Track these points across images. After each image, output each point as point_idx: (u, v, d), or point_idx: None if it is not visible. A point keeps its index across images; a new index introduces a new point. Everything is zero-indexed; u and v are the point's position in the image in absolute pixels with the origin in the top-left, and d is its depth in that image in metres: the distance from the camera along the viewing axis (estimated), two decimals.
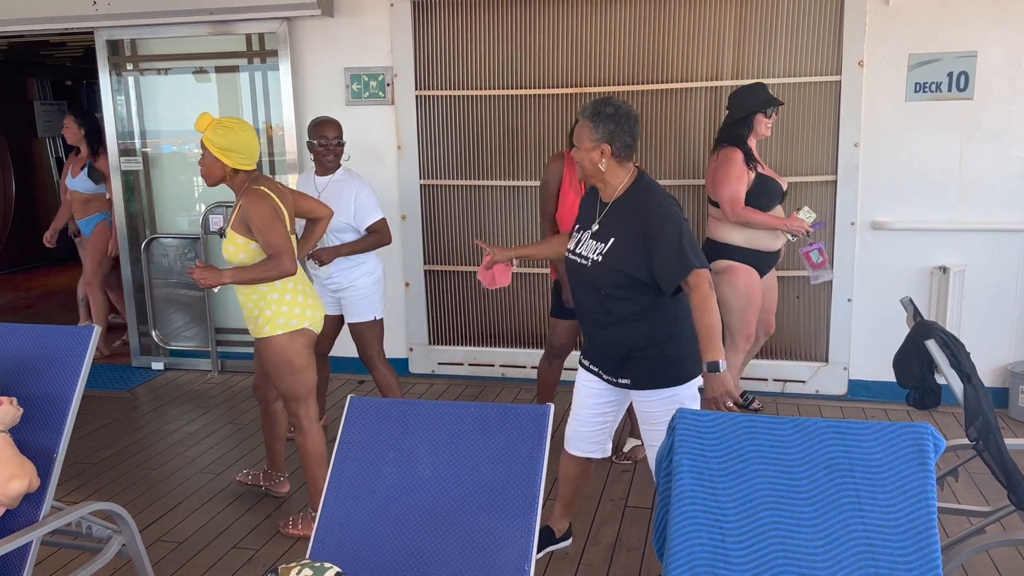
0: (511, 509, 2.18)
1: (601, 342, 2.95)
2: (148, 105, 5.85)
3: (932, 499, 1.99)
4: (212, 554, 3.50)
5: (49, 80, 10.69)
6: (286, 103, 5.49)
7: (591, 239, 2.88)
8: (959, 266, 4.75)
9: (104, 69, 5.75)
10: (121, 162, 5.86)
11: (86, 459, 4.47)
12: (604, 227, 2.86)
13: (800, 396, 5.10)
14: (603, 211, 2.89)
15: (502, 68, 5.23)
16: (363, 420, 2.39)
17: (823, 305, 5.03)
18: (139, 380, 5.78)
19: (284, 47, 5.40)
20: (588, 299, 2.92)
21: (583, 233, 2.94)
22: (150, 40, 5.71)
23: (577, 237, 2.97)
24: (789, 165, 4.95)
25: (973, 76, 4.61)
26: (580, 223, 2.99)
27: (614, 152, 2.80)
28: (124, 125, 5.86)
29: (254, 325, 3.43)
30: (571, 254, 2.96)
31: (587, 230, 2.92)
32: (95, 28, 5.62)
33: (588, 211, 2.98)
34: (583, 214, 3.01)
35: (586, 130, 2.79)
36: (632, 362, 2.88)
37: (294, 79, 5.44)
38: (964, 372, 2.53)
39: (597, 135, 2.78)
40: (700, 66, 4.97)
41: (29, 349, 2.84)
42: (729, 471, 2.11)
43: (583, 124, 2.81)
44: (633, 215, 2.79)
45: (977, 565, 3.24)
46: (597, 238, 2.86)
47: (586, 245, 2.89)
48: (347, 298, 4.29)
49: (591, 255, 2.85)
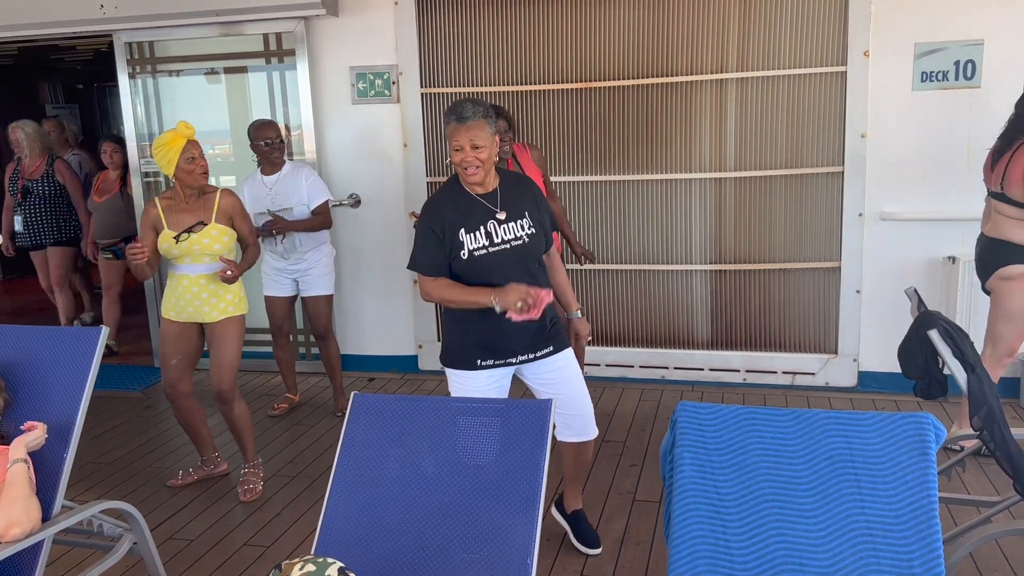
0: (514, 503, 2.19)
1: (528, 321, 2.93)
2: (166, 106, 5.87)
3: (933, 488, 1.99)
4: (222, 552, 3.53)
5: (60, 84, 10.78)
6: (304, 102, 5.50)
7: (504, 224, 3.00)
8: (968, 256, 4.71)
9: (123, 71, 5.79)
10: (141, 164, 5.91)
11: (99, 459, 4.51)
12: (511, 209, 3.03)
13: (810, 388, 5.09)
14: (496, 199, 3.02)
15: (507, 64, 5.23)
16: (366, 416, 2.41)
17: (832, 297, 5.02)
18: (152, 380, 5.83)
19: (301, 46, 5.42)
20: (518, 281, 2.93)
21: (484, 227, 2.98)
22: (167, 42, 5.73)
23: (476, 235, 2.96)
24: (796, 157, 4.93)
25: (980, 64, 4.57)
26: (465, 224, 2.96)
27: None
28: (143, 127, 5.89)
29: (213, 309, 3.85)
30: (488, 248, 2.96)
31: (488, 222, 2.98)
32: (113, 31, 5.66)
33: (467, 211, 2.98)
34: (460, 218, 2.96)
35: (487, 127, 2.91)
36: (551, 328, 3.13)
37: (303, 78, 5.45)
38: (967, 362, 2.52)
39: (492, 129, 2.95)
40: (704, 59, 4.96)
41: (38, 351, 2.87)
42: (730, 463, 2.11)
43: (481, 123, 2.88)
44: (522, 189, 3.11)
45: (986, 555, 3.23)
46: (511, 220, 3.02)
47: (502, 231, 3.00)
48: (309, 276, 4.79)
49: (521, 233, 3.02)
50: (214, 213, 3.83)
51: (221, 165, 5.96)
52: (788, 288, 5.09)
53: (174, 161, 3.71)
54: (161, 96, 5.86)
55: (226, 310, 3.89)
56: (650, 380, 5.35)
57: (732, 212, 5.09)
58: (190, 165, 3.74)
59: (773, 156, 4.97)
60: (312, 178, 4.70)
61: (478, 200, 3.01)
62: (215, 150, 5.93)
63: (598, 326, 5.37)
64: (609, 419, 4.77)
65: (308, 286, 4.81)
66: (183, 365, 3.98)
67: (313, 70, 5.46)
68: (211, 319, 3.88)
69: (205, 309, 3.87)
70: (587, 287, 5.40)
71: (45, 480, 2.61)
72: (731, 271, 5.16)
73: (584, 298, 5.40)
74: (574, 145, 5.24)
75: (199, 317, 3.89)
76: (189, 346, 3.96)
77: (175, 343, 3.94)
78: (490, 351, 3.06)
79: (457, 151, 2.91)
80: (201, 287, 3.85)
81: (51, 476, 2.63)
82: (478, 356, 3.06)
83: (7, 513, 2.40)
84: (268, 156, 4.62)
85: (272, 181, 4.67)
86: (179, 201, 3.84)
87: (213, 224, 3.81)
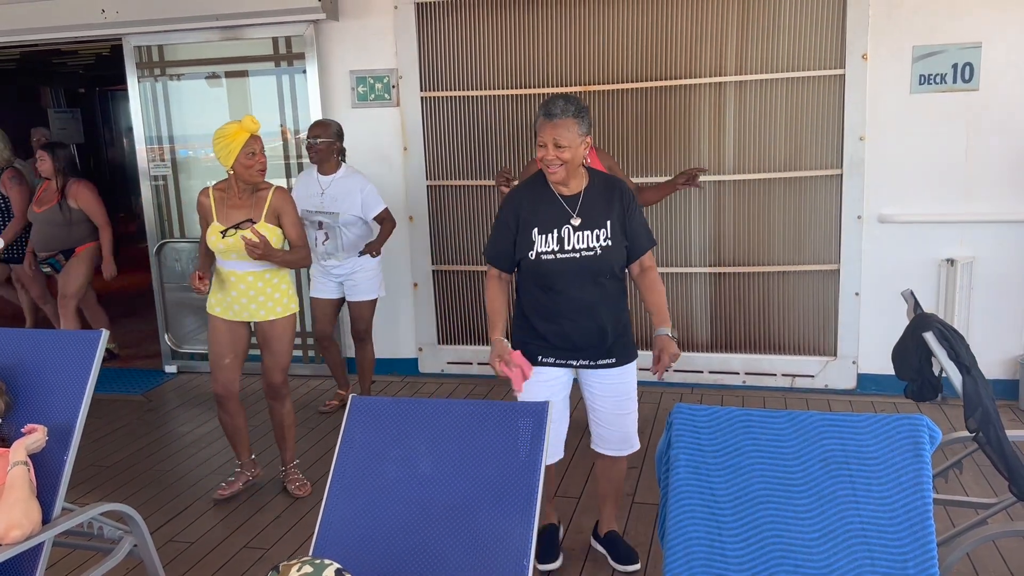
0: (511, 505, 2.21)
1: (589, 330, 2.99)
2: (175, 110, 5.88)
3: (928, 490, 2.00)
4: (222, 555, 3.54)
5: (62, 88, 10.81)
6: (314, 105, 5.50)
7: (578, 231, 2.94)
8: (966, 258, 4.73)
9: (132, 75, 5.82)
10: (150, 167, 5.94)
11: (100, 462, 4.53)
12: (589, 216, 2.94)
13: (809, 391, 5.10)
14: (576, 203, 2.95)
15: (506, 68, 5.25)
16: (365, 418, 2.42)
17: (831, 299, 5.03)
18: (153, 383, 5.84)
19: (311, 50, 5.43)
20: (581, 290, 2.96)
21: (558, 231, 2.93)
22: (176, 46, 5.75)
23: (549, 237, 2.94)
24: (794, 160, 4.95)
25: (978, 67, 4.59)
26: (540, 224, 2.95)
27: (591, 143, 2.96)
28: (151, 130, 5.92)
29: (261, 308, 3.78)
30: (558, 254, 2.94)
31: (563, 226, 2.94)
32: (123, 35, 5.68)
33: (545, 210, 2.96)
34: (536, 215, 2.96)
35: (575, 126, 2.84)
36: (617, 340, 3.06)
37: (312, 81, 5.48)
38: (963, 363, 2.53)
39: (584, 129, 2.88)
40: (703, 62, 4.97)
41: (39, 354, 2.88)
42: (725, 465, 2.12)
43: (569, 122, 2.83)
44: (611, 197, 2.98)
45: (983, 556, 3.24)
46: (587, 228, 2.94)
47: (575, 239, 2.93)
48: (354, 280, 4.78)
49: (594, 244, 2.93)
50: (264, 211, 3.74)
51: None
52: (787, 291, 5.10)
53: (234, 153, 3.65)
54: (170, 99, 5.88)
55: (274, 309, 3.81)
56: (650, 382, 5.34)
57: (731, 215, 5.10)
58: (249, 160, 3.67)
59: (772, 159, 4.98)
60: (368, 188, 4.68)
61: (558, 200, 2.97)
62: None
63: None
64: None
65: (353, 291, 4.83)
66: (234, 364, 3.90)
67: (318, 74, 5.47)
68: (260, 318, 3.81)
69: (252, 307, 3.79)
70: None
71: (45, 482, 2.62)
72: (730, 274, 5.17)
73: None
74: None
75: (247, 316, 3.80)
76: (240, 345, 3.89)
77: (226, 342, 3.85)
78: (551, 349, 3.07)
79: (541, 147, 2.88)
80: (249, 284, 3.77)
81: (51, 478, 2.64)
82: (539, 352, 3.07)
83: (7, 515, 2.41)
84: (310, 154, 4.66)
85: (327, 182, 4.67)
86: (232, 195, 3.77)
87: (262, 223, 3.71)
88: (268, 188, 3.78)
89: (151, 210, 5.98)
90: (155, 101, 5.87)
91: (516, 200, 3.03)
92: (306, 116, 5.55)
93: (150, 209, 5.98)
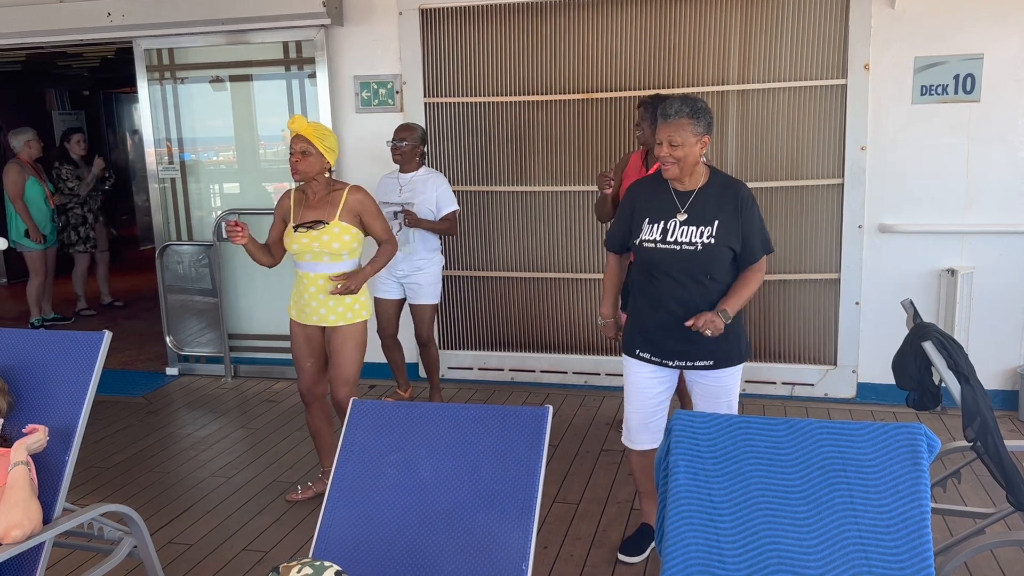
0: (510, 510, 2.22)
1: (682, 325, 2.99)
2: (184, 113, 5.91)
3: (925, 499, 2.01)
4: (222, 556, 3.55)
5: (67, 91, 10.84)
6: (323, 109, 5.52)
7: (684, 226, 3.00)
8: (967, 268, 4.74)
9: (142, 78, 5.84)
10: (159, 170, 5.96)
11: (101, 463, 4.54)
12: (697, 213, 3.01)
13: (809, 399, 5.10)
14: (688, 199, 3.03)
15: (510, 74, 5.27)
16: (365, 422, 2.44)
17: (831, 308, 5.04)
18: (154, 385, 5.86)
19: (321, 54, 5.45)
20: (681, 283, 3.01)
21: (664, 223, 3.04)
22: (186, 49, 5.78)
23: (655, 227, 3.05)
24: (796, 169, 4.96)
25: (980, 78, 4.60)
26: (651, 214, 3.07)
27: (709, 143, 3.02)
28: (160, 132, 5.94)
29: (330, 312, 3.74)
30: (659, 243, 3.03)
31: (670, 219, 3.03)
32: (134, 38, 5.71)
33: (658, 202, 3.08)
34: (650, 206, 3.09)
35: (689, 127, 2.92)
36: (716, 343, 3.03)
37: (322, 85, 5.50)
38: (961, 373, 2.54)
39: (700, 129, 2.94)
40: (706, 71, 4.99)
41: (41, 354, 2.89)
42: (724, 471, 2.13)
43: (683, 122, 2.91)
44: (727, 197, 3.02)
45: (982, 566, 3.24)
46: (693, 223, 3.00)
47: (679, 232, 3.00)
48: (416, 284, 4.86)
49: (696, 240, 2.99)
50: (338, 211, 3.68)
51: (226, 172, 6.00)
52: (788, 299, 5.11)
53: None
54: (180, 102, 5.90)
55: (344, 315, 3.74)
56: None
57: None
58: (291, 159, 3.67)
59: (773, 168, 4.99)
60: (444, 187, 4.79)
61: (671, 195, 3.06)
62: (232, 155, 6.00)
63: (599, 336, 5.38)
64: (608, 428, 4.78)
65: (415, 294, 4.89)
66: (316, 368, 3.88)
67: (322, 78, 5.50)
68: (329, 323, 3.76)
69: (322, 311, 3.74)
70: (587, 298, 5.42)
71: (46, 483, 2.63)
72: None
73: (585, 308, 5.42)
74: (576, 156, 5.27)
75: (317, 319, 3.76)
76: (317, 349, 3.85)
77: (305, 346, 3.84)
78: (648, 344, 3.14)
79: (658, 145, 2.97)
80: (319, 287, 3.72)
81: (52, 479, 2.65)
82: (637, 346, 3.17)
83: (8, 515, 2.42)
84: (394, 156, 4.75)
85: (406, 179, 4.78)
86: (309, 196, 3.75)
87: (336, 222, 3.67)
88: (343, 188, 3.75)
89: (159, 213, 6.00)
90: (165, 104, 5.90)
91: (637, 189, 3.21)
92: (314, 120, 5.57)
93: (158, 212, 6.00)
